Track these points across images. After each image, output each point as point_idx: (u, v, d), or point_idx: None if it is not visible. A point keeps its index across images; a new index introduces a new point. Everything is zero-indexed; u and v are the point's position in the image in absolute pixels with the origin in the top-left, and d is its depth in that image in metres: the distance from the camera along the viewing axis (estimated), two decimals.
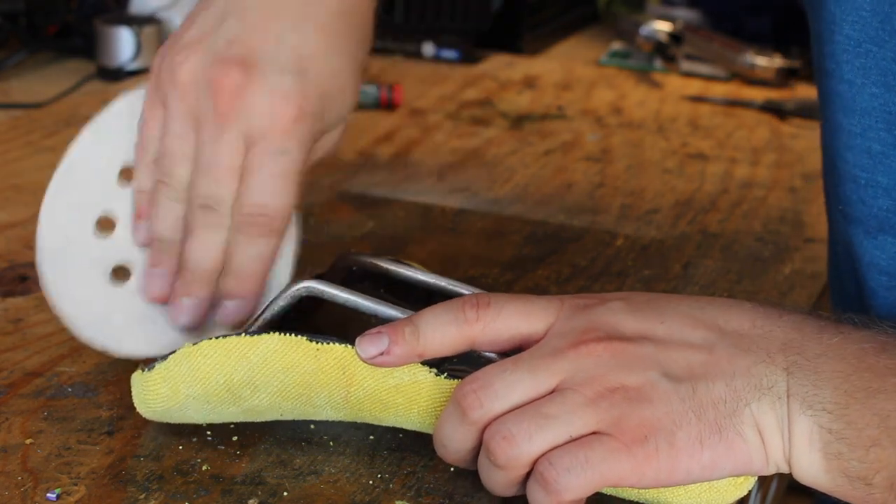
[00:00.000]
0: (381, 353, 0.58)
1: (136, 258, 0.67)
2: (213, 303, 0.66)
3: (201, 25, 0.64)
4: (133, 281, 0.67)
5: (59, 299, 0.65)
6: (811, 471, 0.54)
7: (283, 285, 0.65)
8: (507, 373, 0.55)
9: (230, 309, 0.66)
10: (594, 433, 0.53)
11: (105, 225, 0.66)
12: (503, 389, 0.55)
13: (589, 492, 0.53)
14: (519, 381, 0.55)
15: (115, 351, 0.66)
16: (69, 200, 0.66)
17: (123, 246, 0.66)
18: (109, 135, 0.66)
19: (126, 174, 0.67)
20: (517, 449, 0.54)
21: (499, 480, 0.55)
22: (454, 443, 0.56)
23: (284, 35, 0.63)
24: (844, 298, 0.72)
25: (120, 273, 0.67)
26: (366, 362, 0.58)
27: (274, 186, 0.63)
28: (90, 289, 0.66)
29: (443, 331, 0.58)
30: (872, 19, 0.61)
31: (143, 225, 0.66)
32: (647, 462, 0.53)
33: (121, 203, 0.66)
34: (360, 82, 0.66)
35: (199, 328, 0.66)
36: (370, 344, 0.58)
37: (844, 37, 0.62)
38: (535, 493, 0.54)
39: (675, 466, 0.53)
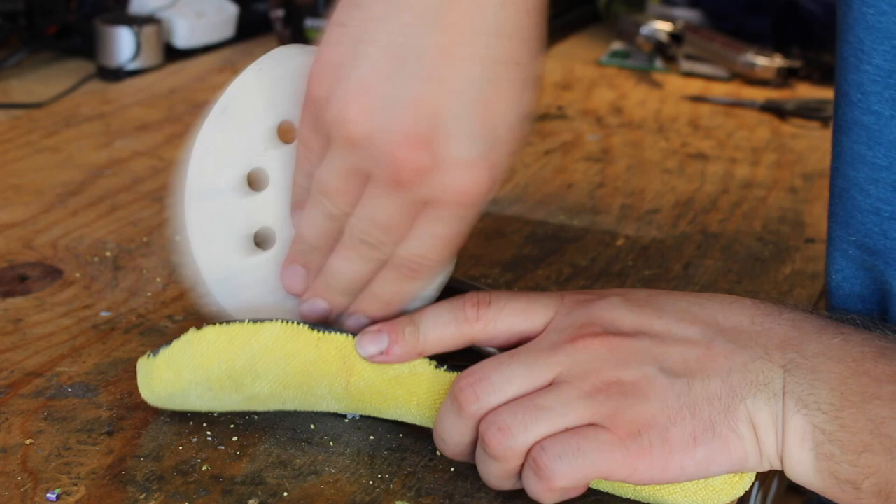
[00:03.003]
0: (381, 353, 0.58)
1: (281, 226, 0.62)
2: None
3: (376, 63, 0.54)
4: (274, 251, 0.62)
5: (198, 247, 0.61)
6: (802, 469, 0.54)
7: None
8: (504, 367, 0.56)
9: (352, 322, 0.62)
10: (589, 425, 0.54)
11: (255, 181, 0.61)
12: (499, 383, 0.55)
13: (580, 480, 0.54)
14: (515, 374, 0.55)
15: (235, 316, 0.62)
16: (223, 143, 0.60)
17: (270, 210, 0.62)
18: (270, 83, 0.60)
19: (283, 132, 0.61)
20: (512, 439, 0.54)
21: (495, 472, 0.55)
22: (453, 436, 0.57)
23: (474, 86, 0.54)
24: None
25: (263, 237, 0.62)
26: (366, 360, 0.58)
27: (440, 243, 0.58)
28: (229, 248, 0.62)
29: (443, 329, 0.58)
30: None
31: (297, 215, 0.61)
32: (639, 456, 0.53)
33: (274, 162, 0.61)
34: (539, 94, 0.58)
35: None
36: (370, 342, 0.58)
37: (874, 66, 0.60)
38: (528, 480, 0.54)
39: (668, 462, 0.53)
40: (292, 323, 0.59)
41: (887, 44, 0.59)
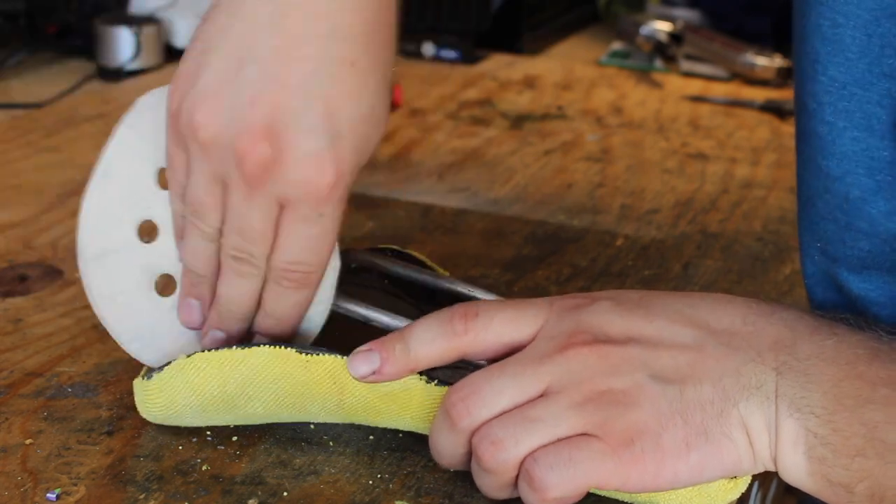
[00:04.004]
0: (374, 372, 0.58)
1: (178, 268, 0.63)
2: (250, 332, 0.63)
3: (217, 69, 0.57)
4: (177, 294, 0.63)
5: (102, 307, 0.62)
6: (795, 472, 0.54)
7: (319, 325, 0.63)
8: (494, 379, 0.56)
9: (206, 340, 0.63)
10: (581, 435, 0.54)
11: (148, 230, 0.63)
12: (490, 396, 0.55)
13: (573, 491, 0.54)
14: (505, 386, 0.55)
15: (155, 363, 0.63)
16: (109, 203, 0.62)
17: (168, 254, 0.63)
18: (143, 134, 0.62)
19: (164, 177, 0.63)
20: (504, 453, 0.54)
21: (490, 483, 0.56)
22: (447, 450, 0.57)
23: (310, 83, 0.56)
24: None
25: (165, 282, 0.64)
26: (358, 380, 0.58)
27: (310, 245, 0.59)
28: (134, 297, 0.63)
29: (432, 345, 0.58)
30: (859, 61, 0.59)
31: (181, 246, 0.63)
32: (632, 464, 0.53)
33: (162, 208, 0.63)
34: (389, 98, 0.60)
35: None
36: (362, 363, 0.58)
37: (829, 78, 0.60)
38: (524, 491, 0.54)
39: (660, 469, 0.53)
40: (280, 347, 0.59)
41: (841, 56, 0.59)
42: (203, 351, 0.60)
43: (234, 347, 0.60)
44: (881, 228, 0.61)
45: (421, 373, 0.59)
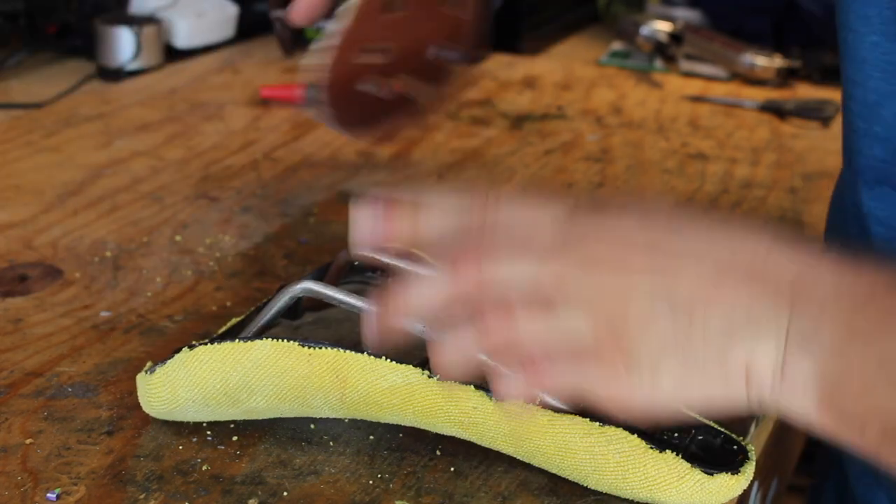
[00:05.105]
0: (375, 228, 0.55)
1: None
2: None
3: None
4: None
5: None
6: (803, 411, 0.52)
7: None
8: (516, 252, 0.53)
9: None
10: (591, 354, 0.53)
11: None
12: (506, 268, 0.53)
13: (565, 394, 0.54)
14: (524, 271, 0.53)
15: None
16: None
17: None
18: None
19: None
20: (514, 332, 0.52)
21: (461, 350, 0.53)
22: (425, 299, 0.53)
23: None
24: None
25: None
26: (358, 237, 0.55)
27: None
28: None
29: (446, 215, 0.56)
30: None
31: None
32: (631, 386, 0.53)
33: None
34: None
35: None
36: (364, 217, 0.55)
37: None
38: (513, 380, 0.53)
39: (655, 394, 0.53)
40: (281, 340, 0.59)
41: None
42: (209, 343, 0.60)
43: (237, 340, 0.59)
44: (894, 132, 0.64)
45: (423, 368, 0.59)
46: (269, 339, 0.59)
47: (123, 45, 1.25)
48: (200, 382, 0.60)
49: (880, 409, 0.50)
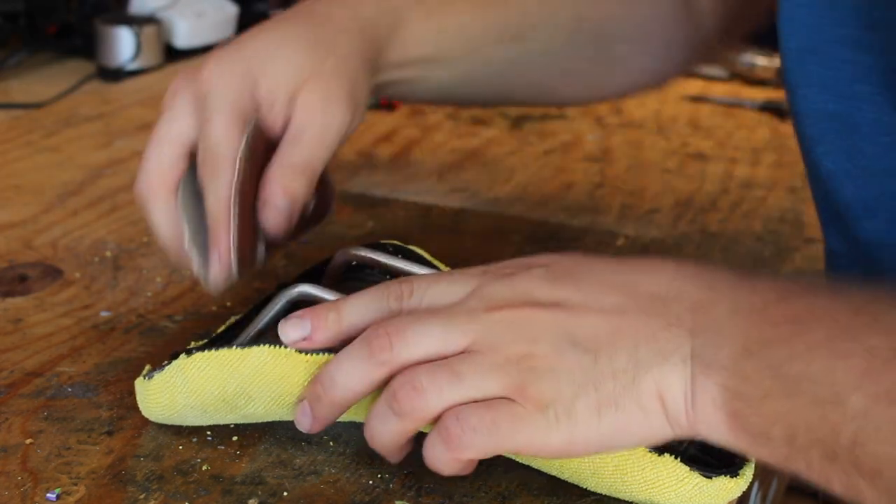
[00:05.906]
0: (304, 339, 0.58)
1: None
2: None
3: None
4: None
5: None
6: (717, 432, 0.53)
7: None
8: (421, 323, 0.55)
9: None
10: (501, 398, 0.54)
11: None
12: (414, 338, 0.55)
13: (489, 454, 0.54)
14: (431, 334, 0.55)
15: None
16: None
17: None
18: None
19: None
20: (424, 402, 0.54)
21: (393, 429, 0.55)
22: (351, 378, 0.56)
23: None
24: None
25: None
26: (289, 346, 0.58)
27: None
28: None
29: (364, 315, 0.58)
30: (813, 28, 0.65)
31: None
32: (546, 431, 0.53)
33: None
34: None
35: None
36: (293, 329, 0.58)
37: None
38: (435, 447, 0.54)
39: (573, 436, 0.53)
40: (279, 347, 0.59)
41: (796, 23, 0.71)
42: (204, 350, 0.60)
43: (235, 347, 0.60)
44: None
45: None
46: (267, 346, 0.59)
47: (123, 45, 1.25)
48: (198, 389, 0.60)
49: (779, 416, 0.51)
